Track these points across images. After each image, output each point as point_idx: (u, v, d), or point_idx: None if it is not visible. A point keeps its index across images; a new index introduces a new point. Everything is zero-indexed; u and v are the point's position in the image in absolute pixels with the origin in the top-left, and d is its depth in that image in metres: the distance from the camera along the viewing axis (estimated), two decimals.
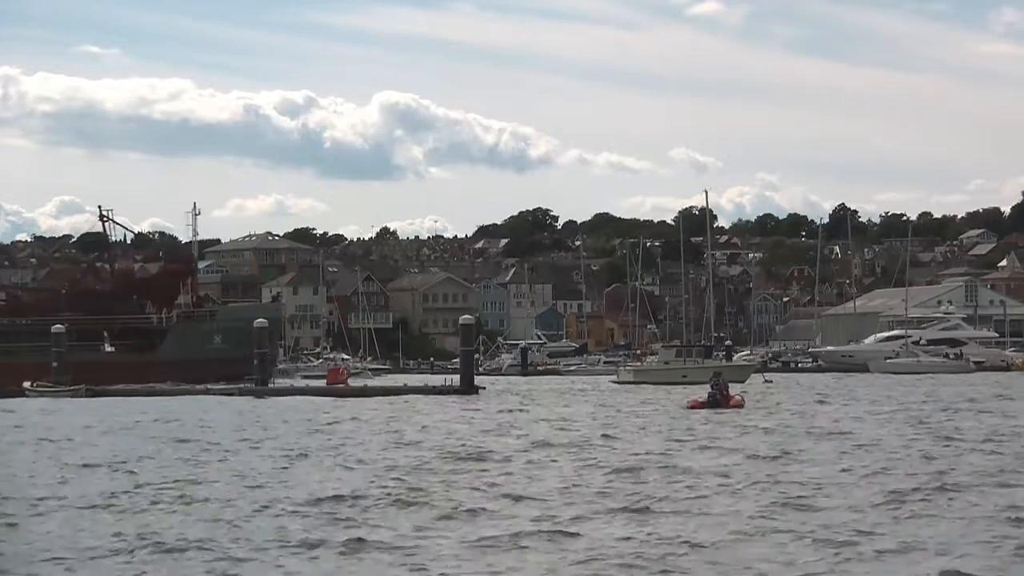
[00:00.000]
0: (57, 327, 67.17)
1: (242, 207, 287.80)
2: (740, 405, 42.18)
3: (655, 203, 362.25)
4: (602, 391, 63.74)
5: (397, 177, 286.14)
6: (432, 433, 32.87)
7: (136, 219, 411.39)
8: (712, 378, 44.43)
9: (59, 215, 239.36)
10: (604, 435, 31.01)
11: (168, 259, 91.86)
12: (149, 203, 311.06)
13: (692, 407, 42.08)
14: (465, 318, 64.20)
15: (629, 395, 57.95)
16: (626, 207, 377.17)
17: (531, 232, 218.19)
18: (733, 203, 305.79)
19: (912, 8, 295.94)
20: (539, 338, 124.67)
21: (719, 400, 41.80)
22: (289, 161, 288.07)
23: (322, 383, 71.43)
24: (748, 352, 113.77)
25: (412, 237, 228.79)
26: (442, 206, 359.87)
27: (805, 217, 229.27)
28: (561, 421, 37.90)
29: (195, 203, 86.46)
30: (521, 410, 45.03)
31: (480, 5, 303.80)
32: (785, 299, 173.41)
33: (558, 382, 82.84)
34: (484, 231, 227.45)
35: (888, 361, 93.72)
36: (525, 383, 79.97)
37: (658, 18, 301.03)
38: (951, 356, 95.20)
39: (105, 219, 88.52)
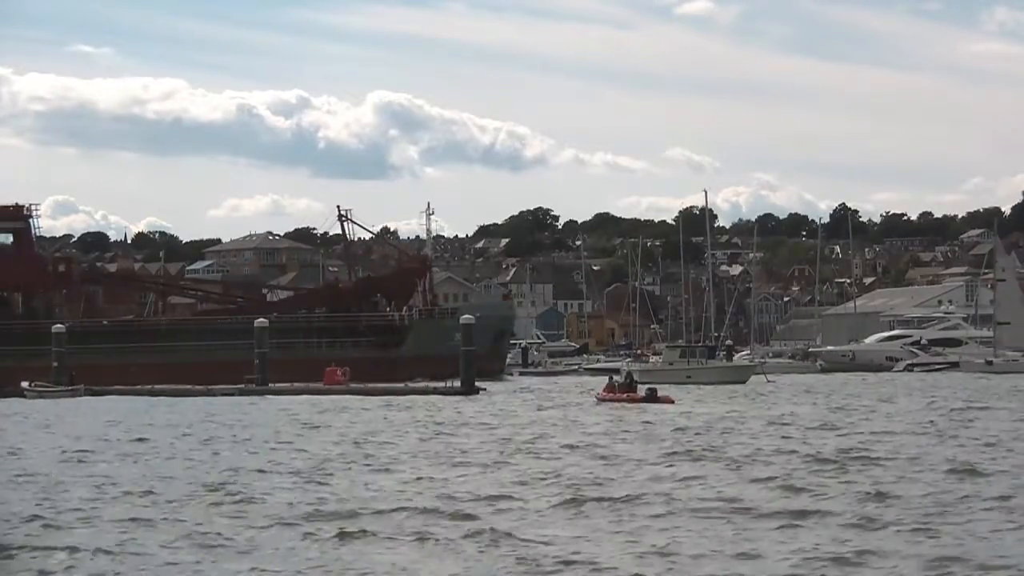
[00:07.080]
0: (57, 327, 66.80)
1: (238, 207, 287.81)
2: (670, 402, 45.85)
3: (651, 203, 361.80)
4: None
5: (392, 177, 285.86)
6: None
7: (132, 219, 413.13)
8: (626, 376, 50.01)
9: (55, 215, 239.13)
10: None
11: (403, 259, 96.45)
12: (145, 203, 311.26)
13: (603, 400, 47.45)
14: (466, 318, 63.54)
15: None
16: (622, 207, 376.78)
17: (531, 232, 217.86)
18: (729, 203, 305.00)
19: (905, 7, 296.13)
20: (539, 338, 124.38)
21: (632, 387, 47.56)
22: (283, 161, 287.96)
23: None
24: (748, 352, 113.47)
25: (413, 237, 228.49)
26: (438, 206, 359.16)
27: (805, 217, 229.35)
28: None
29: (428, 202, 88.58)
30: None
31: (473, 4, 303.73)
32: (785, 299, 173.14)
33: (559, 382, 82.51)
34: (484, 231, 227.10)
35: None
36: (526, 383, 79.67)
37: (651, 17, 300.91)
38: (796, 357, 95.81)
39: (344, 219, 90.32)
